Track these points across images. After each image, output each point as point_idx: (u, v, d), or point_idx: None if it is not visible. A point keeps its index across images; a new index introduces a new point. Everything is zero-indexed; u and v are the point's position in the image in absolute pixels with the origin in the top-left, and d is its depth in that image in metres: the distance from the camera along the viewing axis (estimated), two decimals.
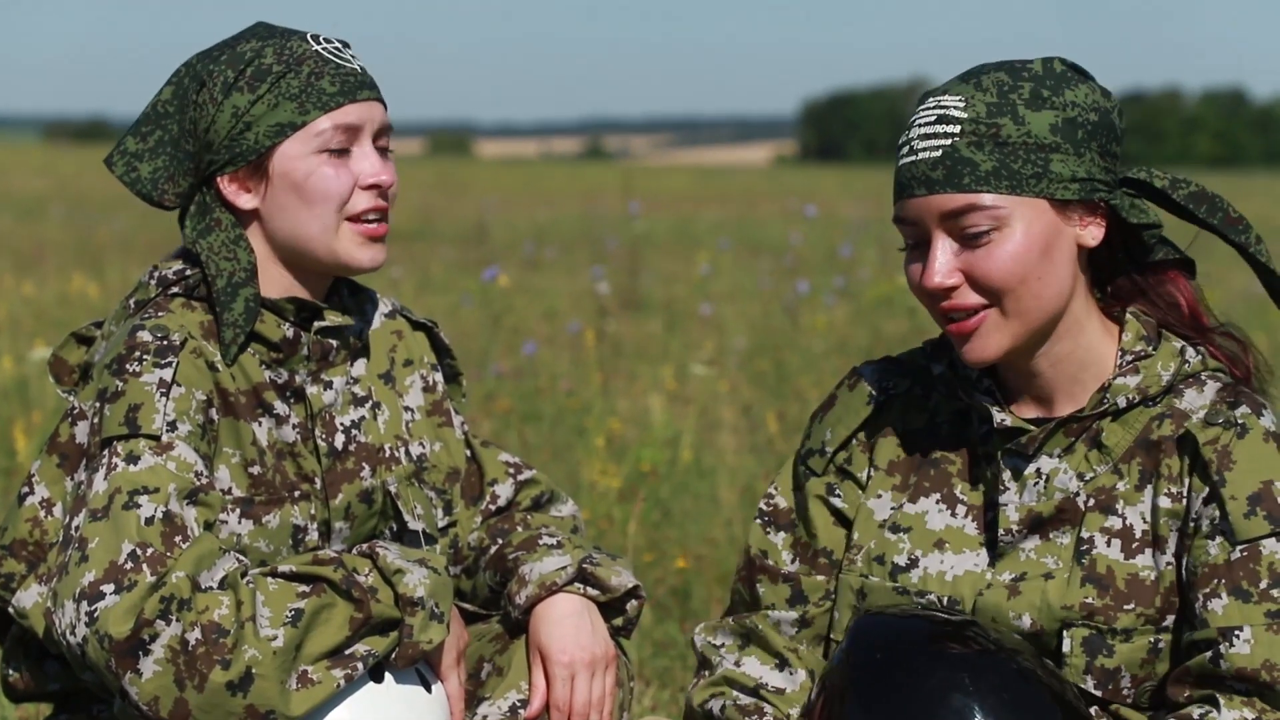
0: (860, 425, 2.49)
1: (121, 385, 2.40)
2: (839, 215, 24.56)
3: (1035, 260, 2.29)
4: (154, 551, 2.29)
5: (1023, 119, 2.28)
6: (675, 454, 6.31)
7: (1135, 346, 2.36)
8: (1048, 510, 2.35)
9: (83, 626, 2.27)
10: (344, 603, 2.33)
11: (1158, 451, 2.34)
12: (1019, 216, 2.28)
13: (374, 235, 2.53)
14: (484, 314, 10.03)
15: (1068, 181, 2.28)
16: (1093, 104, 2.31)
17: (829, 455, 2.50)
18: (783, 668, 2.49)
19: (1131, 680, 2.33)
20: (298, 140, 2.49)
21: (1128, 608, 2.32)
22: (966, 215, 2.28)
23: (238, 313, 2.48)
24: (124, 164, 2.55)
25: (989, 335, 2.32)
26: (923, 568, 2.41)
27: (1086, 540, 2.34)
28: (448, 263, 15.84)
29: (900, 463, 2.47)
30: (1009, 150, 2.27)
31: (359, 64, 2.55)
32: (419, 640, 2.36)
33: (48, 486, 2.46)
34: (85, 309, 11.04)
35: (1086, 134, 2.29)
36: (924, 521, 2.43)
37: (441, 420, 2.74)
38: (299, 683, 2.29)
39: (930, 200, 2.29)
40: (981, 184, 2.27)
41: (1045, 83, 2.30)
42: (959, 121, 2.28)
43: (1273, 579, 2.25)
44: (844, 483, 2.50)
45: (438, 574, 2.40)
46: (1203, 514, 2.30)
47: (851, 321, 10.71)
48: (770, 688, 2.49)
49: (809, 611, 2.50)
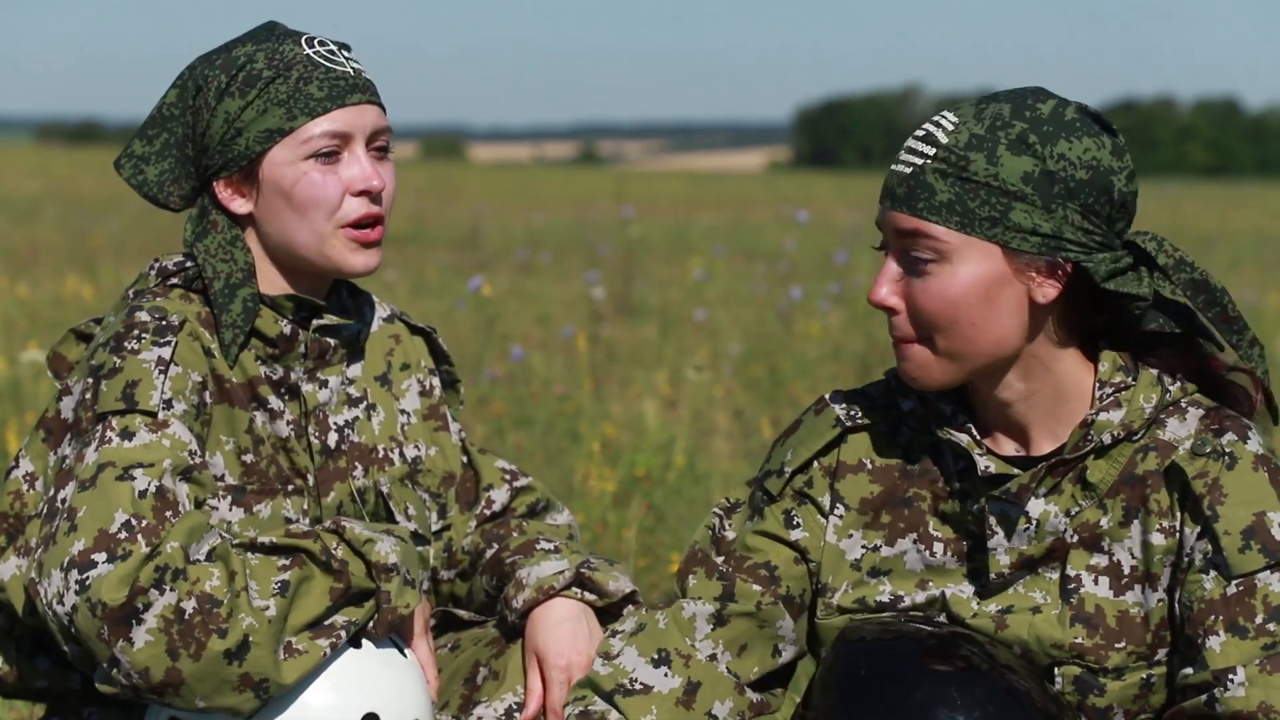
0: (823, 449, 2.42)
1: (119, 362, 2.41)
2: (833, 221, 24.58)
3: (972, 304, 2.23)
4: (148, 523, 2.29)
5: (998, 159, 2.22)
6: (669, 459, 6.30)
7: (1114, 378, 2.30)
8: (1039, 552, 2.31)
9: (72, 595, 2.27)
10: (323, 574, 2.34)
11: (1143, 486, 2.29)
12: (964, 256, 2.23)
13: (366, 241, 2.52)
14: (478, 318, 10.03)
15: (1026, 233, 2.21)
16: (1088, 161, 2.22)
17: (787, 476, 2.43)
18: (658, 665, 2.44)
19: (1125, 716, 2.31)
20: (286, 146, 2.49)
21: (1118, 646, 2.29)
22: (913, 239, 2.25)
23: (236, 313, 2.48)
24: (131, 167, 2.56)
25: (922, 366, 2.28)
26: (909, 600, 2.37)
27: (1073, 579, 2.30)
28: (442, 267, 15.83)
29: (872, 500, 2.40)
30: (970, 188, 2.22)
31: (353, 67, 2.54)
32: (396, 605, 2.37)
33: (33, 461, 2.47)
34: (79, 310, 11.03)
35: (1065, 191, 2.22)
36: (903, 563, 2.38)
37: (438, 425, 2.73)
38: (287, 653, 2.31)
39: (890, 214, 2.27)
40: (933, 213, 2.23)
41: (1042, 128, 2.23)
42: (937, 146, 2.24)
43: (1268, 613, 2.22)
44: (802, 507, 2.43)
45: (405, 542, 2.41)
46: (1196, 548, 2.26)
47: (846, 328, 10.70)
48: (638, 684, 2.43)
49: (729, 610, 2.43)
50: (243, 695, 2.28)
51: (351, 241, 2.52)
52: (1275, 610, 2.22)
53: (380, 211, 2.53)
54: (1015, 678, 2.26)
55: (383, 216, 2.54)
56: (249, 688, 2.28)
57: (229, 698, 2.28)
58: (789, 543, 2.43)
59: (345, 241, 2.51)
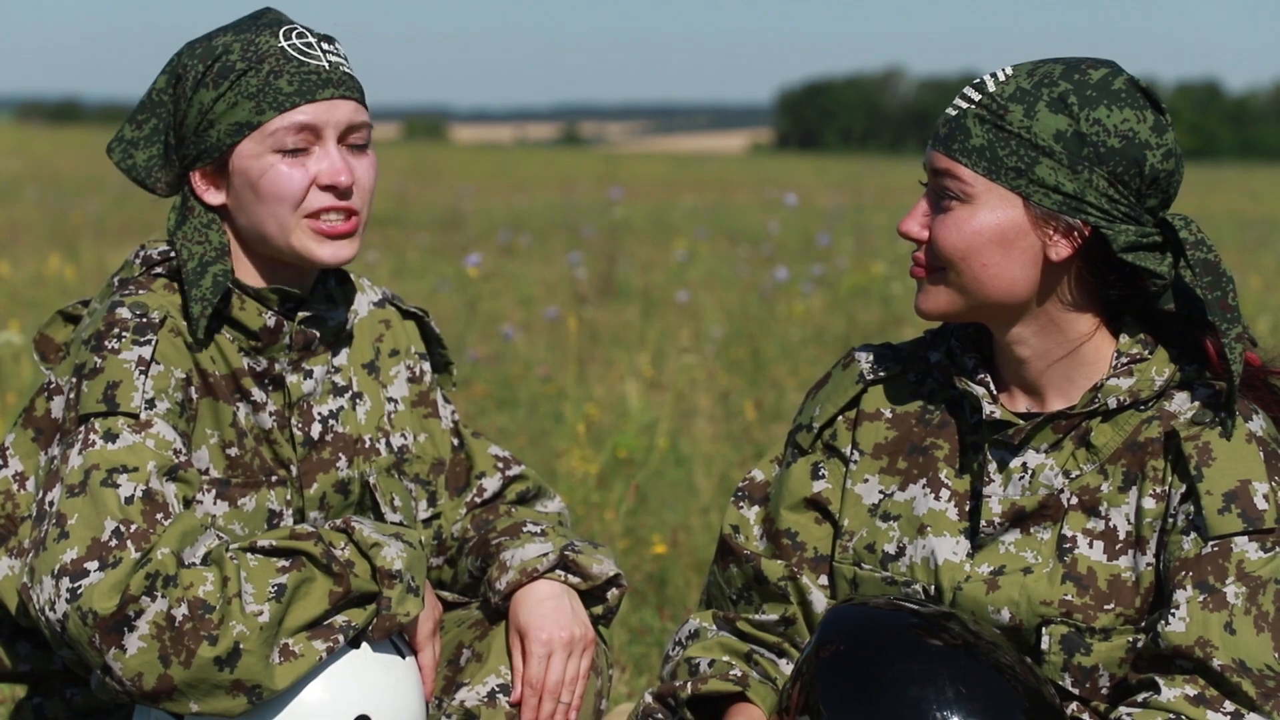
0: (848, 403, 2.51)
1: (100, 362, 2.40)
2: (815, 203, 24.58)
3: (985, 246, 2.30)
4: (137, 528, 2.29)
5: (1035, 114, 2.28)
6: (652, 441, 6.30)
7: (1131, 349, 2.35)
8: (1031, 505, 2.35)
9: (63, 603, 2.27)
10: (323, 576, 2.33)
11: (1143, 453, 2.33)
12: (985, 201, 2.30)
13: (332, 233, 2.51)
14: (460, 299, 10.02)
15: (1049, 189, 2.27)
16: (1124, 131, 2.27)
17: (816, 430, 2.52)
18: (747, 660, 2.50)
19: (1110, 679, 2.33)
20: (254, 140, 2.48)
21: (1107, 607, 2.32)
22: (944, 178, 2.32)
23: (206, 287, 2.47)
24: (121, 151, 2.56)
25: (931, 294, 2.36)
26: (909, 556, 2.42)
27: (1069, 539, 2.34)
28: (423, 248, 15.81)
29: (886, 445, 2.47)
30: (1003, 136, 2.28)
31: (330, 60, 2.51)
32: (396, 612, 2.37)
33: (21, 460, 2.46)
34: (60, 290, 11.00)
35: (1094, 155, 2.27)
36: (911, 508, 2.44)
37: (427, 411, 2.73)
38: (282, 656, 2.30)
39: (931, 153, 2.35)
40: (964, 155, 2.30)
41: (1085, 92, 2.28)
42: (984, 93, 2.31)
43: (1239, 576, 2.24)
44: (830, 460, 2.51)
45: (413, 548, 2.41)
46: (1180, 510, 2.30)
47: (828, 310, 10.71)
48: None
49: (789, 610, 2.50)
50: (235, 700, 2.28)
51: (314, 234, 2.51)
52: (1246, 576, 2.24)
53: (348, 205, 2.51)
54: (999, 657, 2.28)
55: (353, 209, 2.52)
56: (241, 693, 2.28)
57: (221, 702, 2.28)
58: (810, 501, 2.51)
59: (309, 233, 2.50)
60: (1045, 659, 2.34)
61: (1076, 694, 2.33)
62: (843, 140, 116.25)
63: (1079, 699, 2.34)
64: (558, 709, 2.57)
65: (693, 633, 2.56)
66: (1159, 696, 2.22)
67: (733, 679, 2.44)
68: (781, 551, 2.51)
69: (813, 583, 2.49)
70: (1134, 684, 2.27)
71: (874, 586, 2.43)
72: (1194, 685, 2.22)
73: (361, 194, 2.53)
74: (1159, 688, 2.23)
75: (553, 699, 2.57)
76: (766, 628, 2.51)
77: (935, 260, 2.34)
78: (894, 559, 2.43)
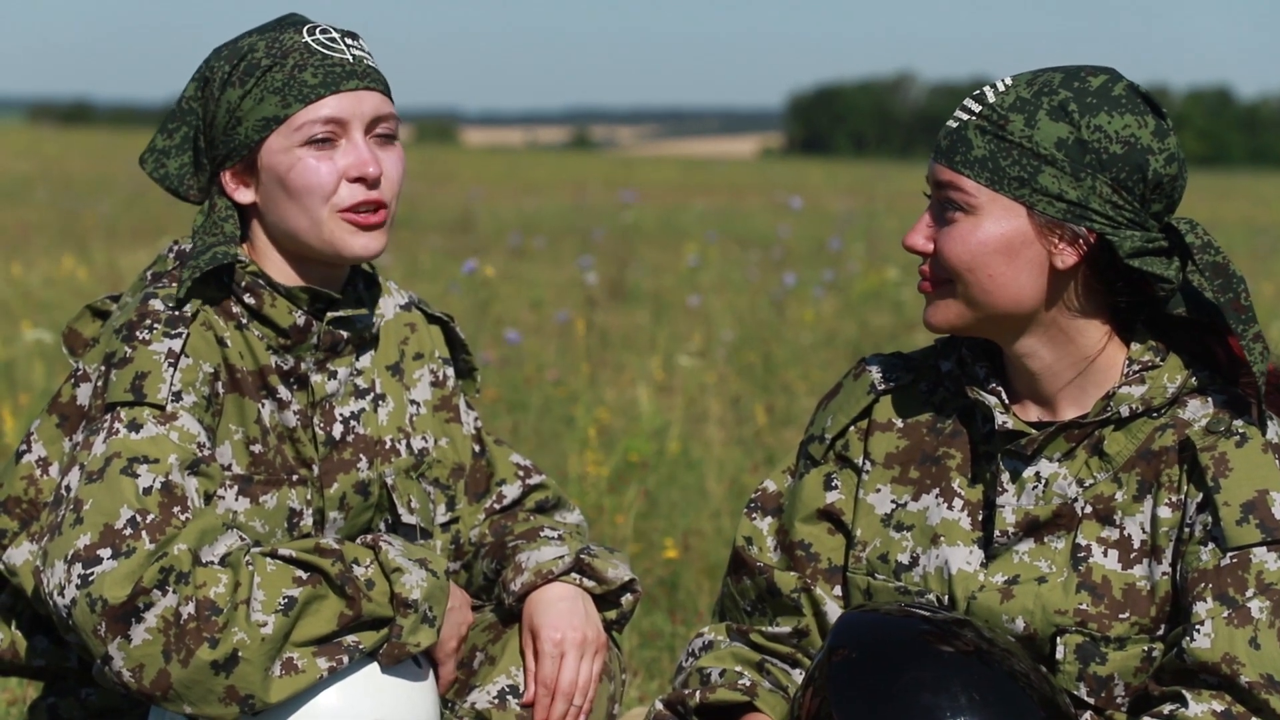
0: (859, 414, 2.50)
1: (130, 351, 2.41)
2: (826, 208, 24.57)
3: (991, 257, 2.30)
4: (154, 519, 2.29)
5: (1035, 122, 2.28)
6: (663, 445, 6.31)
7: (1143, 357, 2.35)
8: (1045, 514, 2.35)
9: (73, 588, 2.27)
10: (335, 597, 2.33)
11: (1158, 461, 2.32)
12: (989, 212, 2.29)
13: (364, 225, 2.52)
14: (471, 302, 10.03)
15: (1052, 198, 2.27)
16: (1125, 136, 2.27)
17: (828, 442, 2.51)
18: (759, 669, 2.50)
19: (1126, 689, 2.32)
20: (281, 134, 2.49)
21: (1122, 616, 2.32)
22: (947, 190, 2.32)
23: (202, 259, 2.47)
24: (154, 161, 2.57)
25: (939, 306, 2.36)
26: (923, 565, 2.41)
27: (1083, 548, 2.34)
28: (435, 251, 15.82)
29: (898, 454, 2.47)
30: (1004, 147, 2.28)
31: (354, 54, 2.53)
32: (407, 641, 2.37)
33: (45, 446, 2.46)
34: (73, 291, 11.02)
35: (1097, 162, 2.27)
36: (925, 518, 2.43)
37: (449, 416, 2.74)
38: (283, 669, 2.30)
39: (934, 166, 2.35)
40: (966, 167, 2.30)
41: (1085, 99, 2.28)
42: (985, 104, 2.31)
43: (1259, 588, 2.24)
44: (842, 471, 2.51)
45: (436, 577, 2.40)
46: (1197, 520, 2.29)
47: (839, 315, 10.72)
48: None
49: (802, 623, 2.50)
50: (228, 708, 2.28)
51: (349, 225, 2.51)
52: (1266, 587, 2.24)
53: (378, 197, 2.52)
54: (1012, 665, 2.27)
55: (382, 201, 2.54)
56: (234, 701, 2.28)
57: (214, 708, 2.28)
58: (824, 513, 2.50)
59: (342, 225, 2.51)
60: (1060, 668, 2.33)
61: (1091, 703, 2.33)
62: (853, 145, 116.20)
63: (1094, 708, 2.33)
64: (570, 711, 2.58)
65: (706, 644, 2.56)
66: (1186, 711, 2.21)
67: (741, 688, 2.44)
68: (796, 563, 2.51)
69: (828, 594, 2.49)
70: (1157, 695, 2.26)
71: (888, 596, 2.43)
72: (1221, 701, 2.21)
73: (390, 186, 2.54)
74: (1186, 701, 2.22)
75: (565, 700, 2.57)
76: (780, 640, 2.51)
77: (941, 272, 2.34)
78: (908, 569, 2.43)
